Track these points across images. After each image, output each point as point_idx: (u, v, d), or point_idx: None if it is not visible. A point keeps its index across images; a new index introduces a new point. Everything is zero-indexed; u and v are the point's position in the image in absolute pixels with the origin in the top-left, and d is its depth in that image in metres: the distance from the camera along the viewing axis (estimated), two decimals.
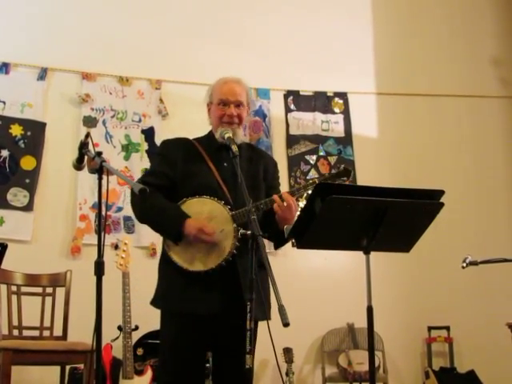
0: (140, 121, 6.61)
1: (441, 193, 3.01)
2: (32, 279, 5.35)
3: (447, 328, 6.67)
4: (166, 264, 3.51)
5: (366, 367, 5.90)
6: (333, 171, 3.67)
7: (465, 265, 4.49)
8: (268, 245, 5.81)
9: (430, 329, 6.69)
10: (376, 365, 5.66)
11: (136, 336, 5.50)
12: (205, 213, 3.42)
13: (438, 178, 6.71)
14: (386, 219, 2.92)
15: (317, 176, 6.79)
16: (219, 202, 3.42)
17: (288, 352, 5.94)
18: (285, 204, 3.35)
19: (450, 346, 6.66)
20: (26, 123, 6.26)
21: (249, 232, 2.97)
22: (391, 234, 3.03)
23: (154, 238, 6.08)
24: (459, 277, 6.11)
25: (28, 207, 6.10)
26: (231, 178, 3.51)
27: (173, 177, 3.55)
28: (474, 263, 4.52)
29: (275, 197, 3.40)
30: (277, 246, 3.68)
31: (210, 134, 3.72)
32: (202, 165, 3.57)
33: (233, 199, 3.46)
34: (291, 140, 7.01)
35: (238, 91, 3.63)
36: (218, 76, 3.76)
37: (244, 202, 3.29)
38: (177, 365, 3.39)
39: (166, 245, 3.48)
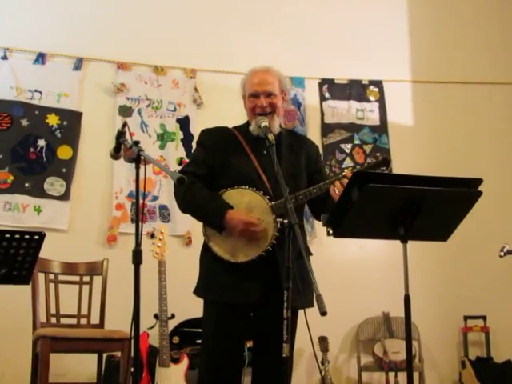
0: (175, 110, 6.62)
1: (479, 181, 2.98)
2: (69, 268, 5.40)
3: (483, 317, 6.62)
4: (206, 253, 3.55)
5: (401, 356, 5.90)
6: (372, 160, 3.66)
7: (502, 254, 4.44)
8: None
9: (466, 318, 6.64)
10: (412, 354, 5.65)
11: (172, 324, 5.54)
12: (244, 203, 3.44)
13: (475, 167, 6.61)
14: (424, 208, 2.90)
15: (352, 165, 6.76)
16: (258, 193, 3.43)
17: (323, 341, 5.94)
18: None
19: (486, 336, 6.61)
20: (62, 113, 6.30)
21: (286, 221, 2.97)
22: (429, 223, 3.01)
23: (190, 227, 6.12)
24: (496, 266, 6.02)
25: (65, 196, 6.15)
26: (271, 167, 3.51)
27: (213, 166, 3.57)
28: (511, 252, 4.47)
29: (337, 183, 3.41)
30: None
31: (248, 124, 3.72)
32: (241, 154, 3.58)
33: (272, 189, 3.47)
34: (326, 129, 6.98)
35: (269, 80, 3.62)
36: (252, 65, 3.76)
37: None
38: (217, 353, 3.44)
39: (205, 235, 3.50)
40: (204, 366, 3.53)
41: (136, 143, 3.12)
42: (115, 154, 3.31)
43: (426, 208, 2.91)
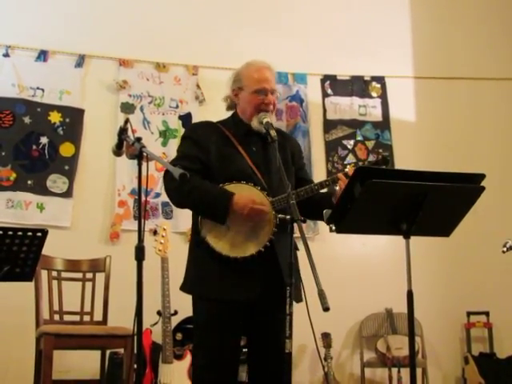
0: (177, 107, 6.63)
1: (481, 176, 2.97)
2: (72, 265, 5.41)
3: (486, 313, 6.62)
4: (199, 249, 3.45)
5: (404, 352, 5.89)
6: (371, 158, 3.64)
7: (505, 249, 4.45)
8: (306, 229, 5.82)
9: (469, 314, 6.64)
10: (415, 350, 5.65)
11: (175, 321, 5.54)
12: None
13: (478, 163, 6.61)
14: (426, 203, 2.89)
15: (354, 161, 6.75)
16: (256, 188, 3.39)
17: (326, 337, 5.94)
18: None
19: (489, 332, 6.61)
20: (64, 110, 6.31)
21: (288, 217, 2.95)
22: (431, 219, 3.00)
23: None
24: (499, 261, 6.03)
25: (67, 194, 6.15)
26: (263, 162, 3.50)
27: (205, 161, 3.49)
28: None
29: (340, 175, 3.39)
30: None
31: (236, 118, 3.66)
32: (233, 150, 3.52)
33: (267, 184, 3.44)
34: (328, 125, 6.98)
35: (271, 78, 3.59)
36: None
37: (278, 187, 3.29)
38: (212, 350, 3.37)
39: (202, 230, 3.41)
40: (201, 364, 3.42)
41: (138, 140, 3.11)
42: (117, 150, 3.31)
43: (428, 203, 2.90)
